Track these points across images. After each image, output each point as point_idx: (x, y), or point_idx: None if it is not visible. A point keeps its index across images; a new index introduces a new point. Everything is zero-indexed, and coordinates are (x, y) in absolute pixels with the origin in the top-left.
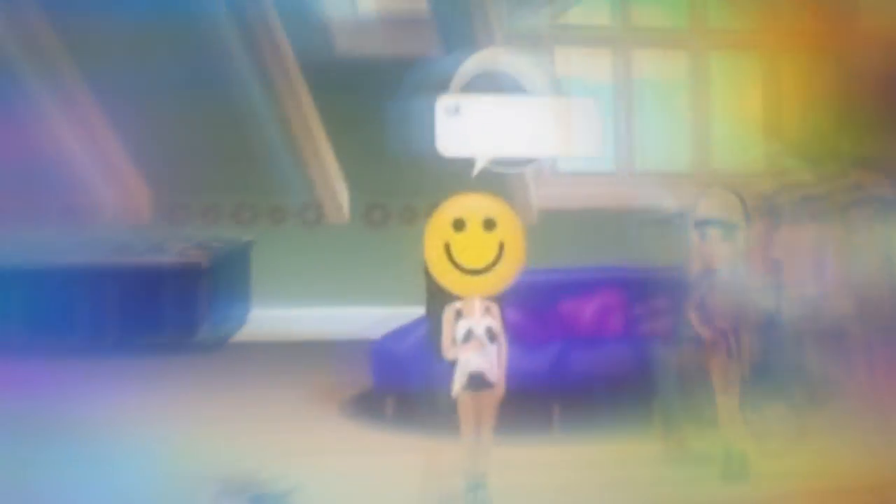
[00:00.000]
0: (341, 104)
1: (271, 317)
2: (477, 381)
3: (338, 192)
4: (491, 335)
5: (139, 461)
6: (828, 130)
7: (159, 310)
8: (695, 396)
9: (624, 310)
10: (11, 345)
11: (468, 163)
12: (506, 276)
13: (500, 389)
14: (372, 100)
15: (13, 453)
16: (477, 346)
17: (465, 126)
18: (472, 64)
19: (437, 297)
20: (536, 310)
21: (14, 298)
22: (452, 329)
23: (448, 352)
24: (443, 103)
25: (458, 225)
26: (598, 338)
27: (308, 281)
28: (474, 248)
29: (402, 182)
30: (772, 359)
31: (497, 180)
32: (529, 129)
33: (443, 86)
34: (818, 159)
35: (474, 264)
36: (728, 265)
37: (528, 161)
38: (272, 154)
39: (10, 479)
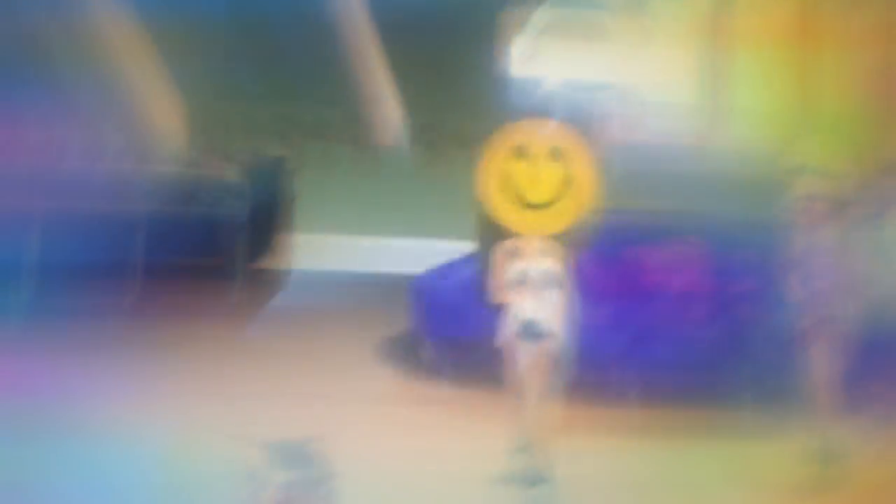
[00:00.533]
0: (399, 13)
1: (311, 244)
2: (530, 330)
3: (388, 109)
4: (550, 279)
5: (167, 384)
6: None
7: (193, 231)
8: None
9: (707, 265)
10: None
11: (536, 84)
12: (570, 213)
13: (557, 342)
14: (432, 9)
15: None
16: (532, 291)
17: (537, 44)
18: None
19: (490, 233)
20: (604, 256)
21: (52, 210)
22: (504, 269)
23: (499, 295)
24: (513, 18)
25: (521, 153)
26: (675, 295)
27: (344, 205)
28: (537, 178)
29: (459, 102)
30: (873, 351)
31: (568, 107)
32: (608, 52)
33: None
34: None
35: (535, 197)
36: (833, 243)
37: (605, 87)
38: (320, 63)
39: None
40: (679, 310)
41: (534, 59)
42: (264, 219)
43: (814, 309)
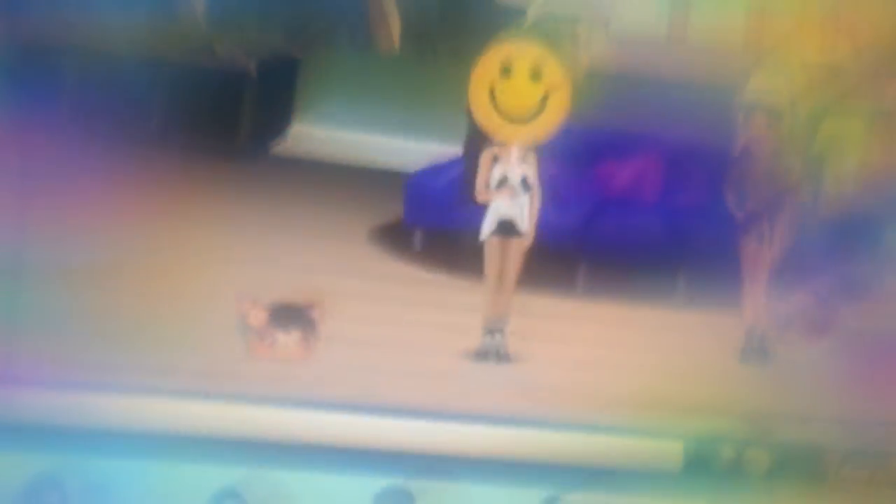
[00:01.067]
0: None
1: (314, 135)
2: (506, 227)
3: (391, 21)
4: (525, 184)
5: (167, 256)
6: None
7: (203, 111)
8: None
9: (662, 177)
10: (57, 122)
11: (523, 10)
12: (547, 127)
13: (528, 238)
14: None
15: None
16: (510, 193)
17: None
18: None
19: (476, 140)
20: (574, 166)
21: (63, 77)
22: (488, 173)
23: (481, 195)
24: None
25: (506, 71)
26: (633, 202)
27: (352, 105)
28: (518, 95)
29: (454, 20)
30: (804, 249)
31: (549, 32)
32: None
33: None
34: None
35: (517, 112)
36: (772, 149)
37: (581, 17)
38: None
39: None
40: (632, 214)
41: None
42: (273, 108)
43: (750, 216)
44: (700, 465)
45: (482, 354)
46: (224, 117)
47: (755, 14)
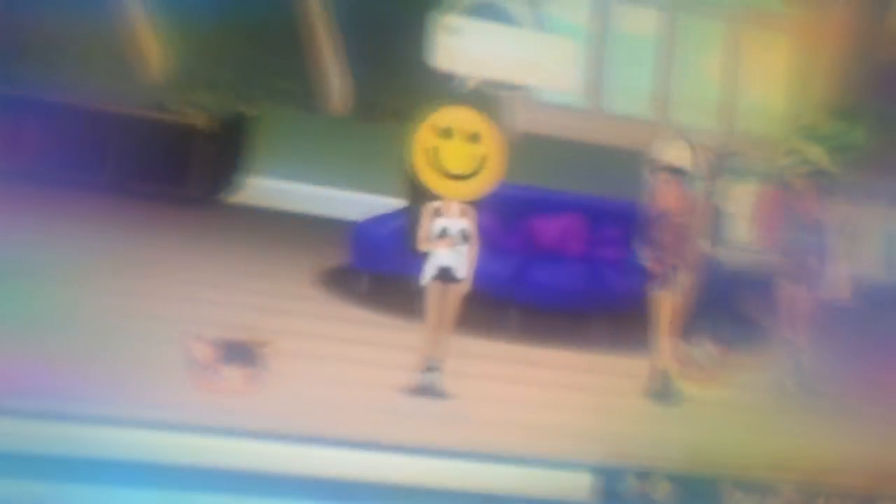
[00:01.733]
0: (353, 8)
1: (264, 187)
2: (445, 274)
3: (339, 83)
4: (464, 235)
5: (118, 301)
6: (783, 104)
7: (158, 162)
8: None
9: (585, 233)
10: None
11: (461, 79)
12: (484, 184)
13: (465, 285)
14: (383, 8)
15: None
16: (450, 243)
17: (463, 46)
18: None
19: (419, 194)
20: (506, 221)
21: (28, 128)
22: (430, 225)
23: (423, 244)
24: (446, 21)
25: (447, 133)
26: (559, 255)
27: (303, 160)
28: (458, 155)
29: (399, 86)
30: (708, 298)
31: (485, 100)
32: (519, 59)
33: (448, 4)
34: (771, 129)
35: (456, 170)
36: (681, 209)
37: (514, 87)
38: (287, 42)
39: None
40: (558, 265)
41: (463, 58)
42: (226, 160)
43: (662, 269)
44: (609, 495)
45: (420, 390)
46: (180, 168)
47: (661, 89)
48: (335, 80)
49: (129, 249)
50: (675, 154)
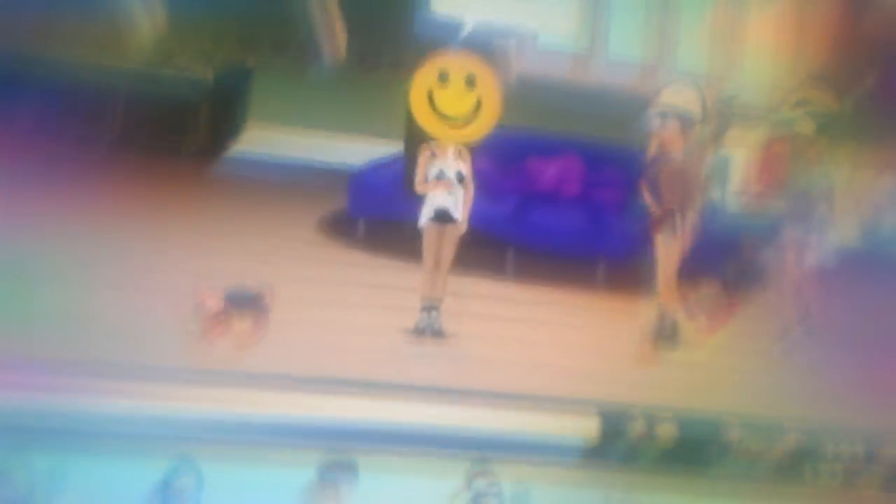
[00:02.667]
0: None
1: (265, 136)
2: (442, 216)
3: (337, 35)
4: (460, 178)
5: (126, 251)
6: (784, 48)
7: (163, 115)
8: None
9: (582, 175)
10: (19, 125)
11: (458, 25)
12: (480, 128)
13: (462, 226)
14: None
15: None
16: (446, 186)
17: None
18: None
19: (416, 138)
20: (503, 164)
21: (24, 83)
22: (426, 168)
23: (420, 187)
24: None
25: (443, 77)
26: (556, 197)
27: (300, 109)
28: (455, 100)
29: (395, 33)
30: (711, 240)
31: (482, 45)
32: (517, 3)
33: None
34: (773, 75)
35: (453, 115)
36: (681, 152)
37: (512, 31)
38: None
39: None
40: (555, 207)
41: (460, 3)
42: (228, 111)
43: (659, 209)
44: (613, 436)
45: (419, 331)
46: (183, 120)
47: (667, 34)
48: (333, 29)
49: (134, 202)
50: (679, 97)
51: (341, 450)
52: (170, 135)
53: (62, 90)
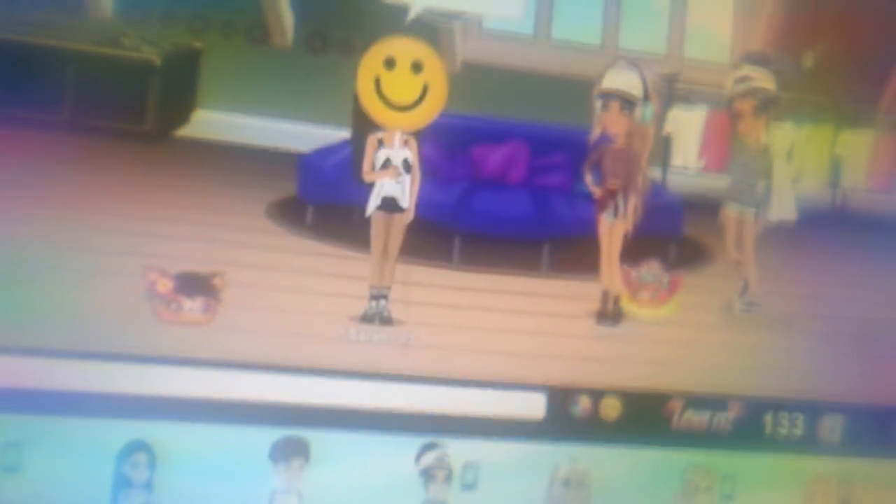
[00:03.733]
0: None
1: (212, 120)
2: (389, 204)
3: (284, 18)
4: (407, 166)
5: (72, 234)
6: (731, 31)
7: (111, 97)
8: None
9: (527, 161)
10: None
11: (404, 9)
12: (427, 115)
13: (409, 214)
14: None
15: None
16: (393, 174)
17: None
18: None
19: (363, 126)
20: (449, 150)
21: None
22: (373, 155)
23: (367, 175)
24: None
25: (389, 63)
26: (502, 183)
27: (249, 93)
28: (401, 86)
29: (342, 17)
30: (653, 221)
31: (428, 29)
32: None
33: None
34: (719, 56)
35: (400, 100)
36: (623, 134)
37: (457, 15)
38: None
39: None
40: (502, 193)
41: None
42: (176, 95)
43: (606, 194)
44: (560, 412)
45: (367, 318)
46: (131, 104)
47: (609, 16)
48: (280, 12)
49: (82, 185)
50: (623, 80)
51: (294, 430)
52: (119, 117)
53: (9, 70)
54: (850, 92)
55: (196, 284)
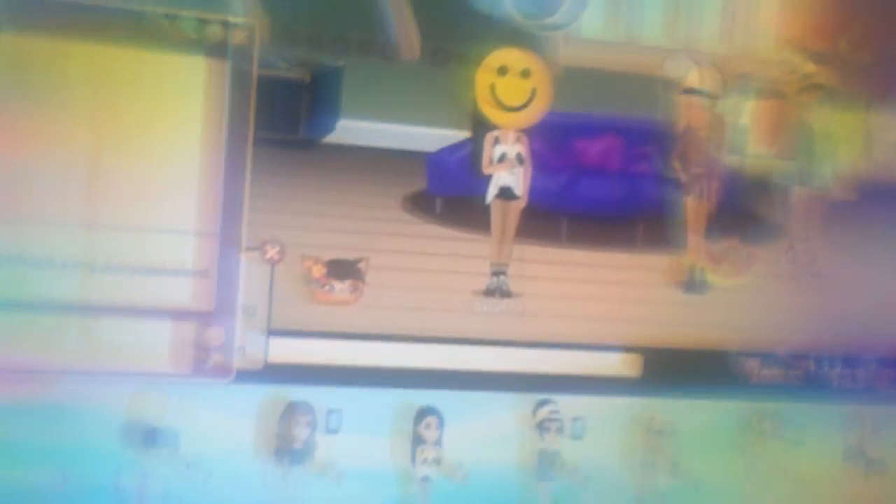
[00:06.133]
0: None
1: (354, 127)
2: (506, 193)
3: (412, 37)
4: (520, 159)
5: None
6: (781, 27)
7: (271, 112)
8: (670, 224)
9: (622, 151)
10: None
11: (511, 23)
12: (535, 114)
13: (523, 200)
14: None
15: None
16: (508, 166)
17: None
18: None
19: (481, 126)
20: (555, 144)
21: None
22: (491, 151)
23: (486, 168)
24: None
25: (502, 71)
26: (601, 171)
27: (384, 102)
28: (513, 90)
29: (461, 33)
30: (733, 202)
31: (534, 40)
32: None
33: None
34: (772, 50)
35: (512, 103)
36: (705, 126)
37: (559, 26)
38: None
39: None
40: (601, 181)
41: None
42: (323, 106)
43: (691, 179)
44: (654, 370)
45: (490, 292)
46: (287, 115)
47: (688, 22)
48: (409, 31)
49: (250, 187)
50: (696, 77)
51: (430, 393)
52: (276, 129)
53: None
54: (881, 74)
55: (344, 269)
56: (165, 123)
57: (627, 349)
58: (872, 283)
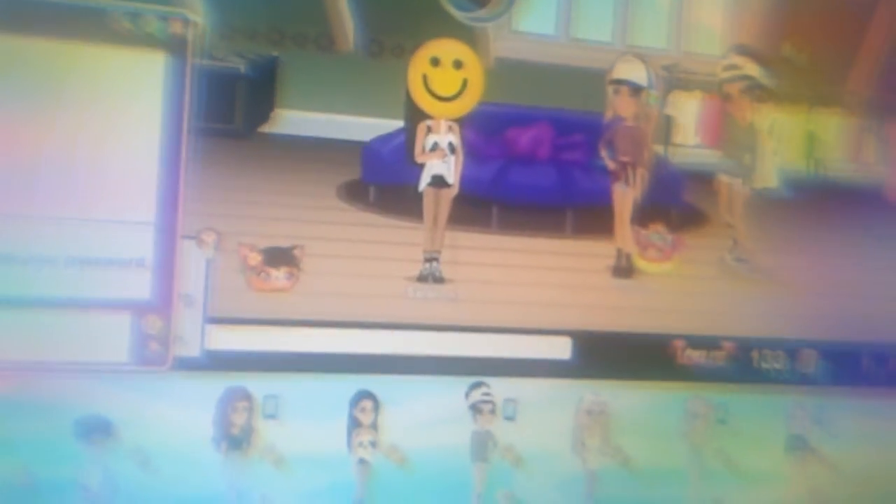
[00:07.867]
0: None
1: (289, 117)
2: (438, 181)
3: (346, 28)
4: (451, 148)
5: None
6: (724, 28)
7: (207, 102)
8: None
9: (552, 140)
10: None
11: (444, 16)
12: (467, 104)
13: (454, 188)
14: None
15: None
16: (440, 155)
17: None
18: None
19: (414, 116)
20: (486, 133)
21: None
22: (423, 140)
23: (418, 157)
24: None
25: (435, 62)
26: (531, 160)
27: (319, 92)
28: (445, 80)
29: (395, 24)
30: (658, 189)
31: (466, 32)
32: None
33: None
34: (713, 49)
35: (444, 93)
36: (632, 116)
37: (490, 18)
38: None
39: None
40: (531, 169)
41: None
42: (259, 97)
43: (618, 166)
44: (583, 353)
45: (423, 278)
46: (223, 106)
47: (620, 18)
48: (344, 22)
49: (189, 176)
50: (630, 70)
51: (363, 377)
52: (213, 119)
53: None
54: (822, 76)
55: (280, 257)
56: (101, 115)
57: (557, 332)
58: (806, 275)
